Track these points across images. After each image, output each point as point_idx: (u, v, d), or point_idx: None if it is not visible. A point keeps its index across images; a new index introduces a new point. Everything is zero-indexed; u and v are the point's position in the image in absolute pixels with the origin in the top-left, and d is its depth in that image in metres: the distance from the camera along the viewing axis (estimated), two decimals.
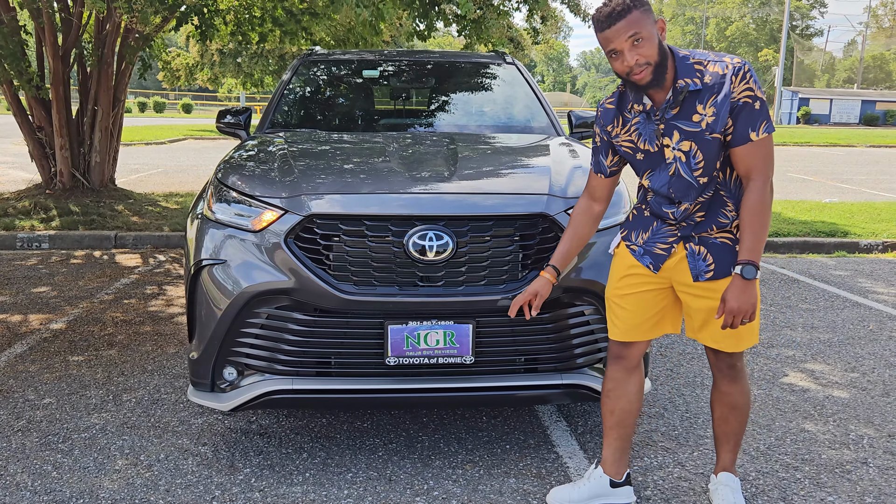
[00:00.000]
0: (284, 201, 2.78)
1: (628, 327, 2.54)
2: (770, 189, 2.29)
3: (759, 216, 2.26)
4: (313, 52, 4.95)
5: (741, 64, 2.23)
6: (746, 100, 2.23)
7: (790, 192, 12.32)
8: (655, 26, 2.22)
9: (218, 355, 2.79)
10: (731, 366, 2.51)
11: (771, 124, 2.26)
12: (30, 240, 7.19)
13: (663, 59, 2.23)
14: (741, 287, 2.26)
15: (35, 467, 2.90)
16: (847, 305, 5.49)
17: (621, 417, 2.61)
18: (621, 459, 2.66)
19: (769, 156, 2.28)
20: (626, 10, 2.17)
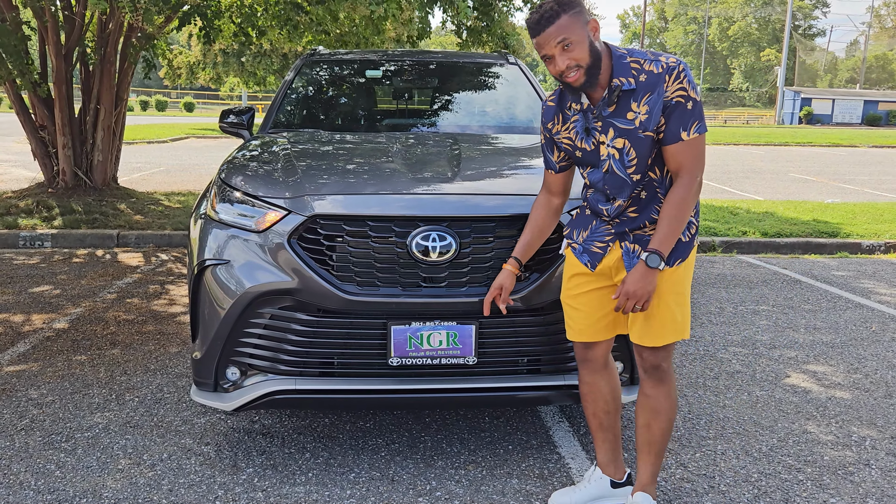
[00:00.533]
0: (288, 202, 2.79)
1: (582, 328, 2.54)
2: (697, 187, 2.32)
3: (679, 210, 2.29)
4: (316, 51, 4.95)
5: (676, 64, 2.27)
6: (679, 99, 2.25)
7: (792, 193, 12.31)
8: (587, 28, 2.24)
9: (221, 355, 2.79)
10: (655, 366, 2.46)
11: (703, 125, 2.29)
12: (32, 238, 7.20)
13: (595, 60, 2.25)
14: (642, 273, 2.29)
15: (38, 466, 2.91)
16: (849, 306, 5.49)
17: (602, 419, 2.62)
18: (617, 459, 2.66)
19: (699, 155, 2.31)
20: (553, 15, 2.20)
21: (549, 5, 2.21)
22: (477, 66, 4.93)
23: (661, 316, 2.39)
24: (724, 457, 3.09)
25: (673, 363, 2.50)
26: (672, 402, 2.51)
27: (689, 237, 2.40)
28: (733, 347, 4.49)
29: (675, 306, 2.40)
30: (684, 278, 2.42)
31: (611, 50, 2.31)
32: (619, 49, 2.32)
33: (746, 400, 3.69)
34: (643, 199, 2.38)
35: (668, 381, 2.49)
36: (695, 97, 2.27)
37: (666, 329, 2.41)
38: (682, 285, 2.41)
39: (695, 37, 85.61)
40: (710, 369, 4.10)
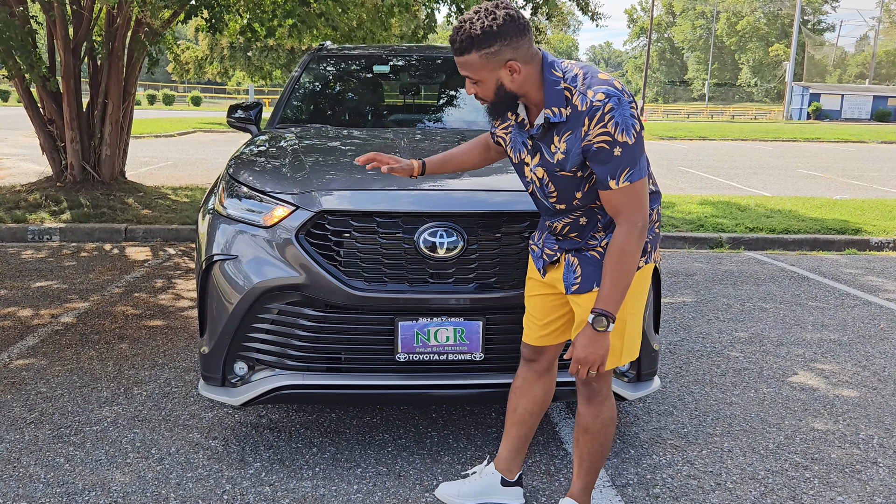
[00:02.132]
0: (296, 197, 2.79)
1: (531, 331, 2.50)
2: (639, 234, 2.12)
3: (620, 264, 2.11)
4: (324, 46, 4.95)
5: (602, 102, 2.02)
6: (602, 145, 2.04)
7: (800, 189, 12.27)
8: (500, 69, 2.07)
9: (229, 350, 2.80)
10: (585, 383, 2.38)
11: (638, 171, 2.07)
12: (40, 232, 7.23)
13: (504, 100, 2.13)
14: (591, 337, 2.14)
15: (48, 459, 2.93)
16: (857, 304, 5.47)
17: (523, 417, 2.57)
18: (516, 459, 2.62)
19: (636, 203, 2.10)
20: (463, 49, 2.07)
21: (464, 35, 2.04)
22: None
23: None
24: (731, 454, 3.08)
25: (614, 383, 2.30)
26: (602, 424, 2.39)
27: None
28: (740, 344, 4.48)
29: (611, 335, 2.22)
30: (624, 303, 2.23)
31: (545, 75, 2.11)
32: (555, 72, 2.11)
33: (753, 397, 3.68)
34: (583, 226, 2.27)
35: (599, 401, 2.38)
36: (624, 140, 2.02)
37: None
38: (622, 311, 2.23)
39: (703, 32, 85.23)
40: (716, 366, 4.10)
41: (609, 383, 2.41)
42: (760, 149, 22.63)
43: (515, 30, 2.04)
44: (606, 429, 2.41)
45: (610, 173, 2.07)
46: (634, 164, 2.06)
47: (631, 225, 2.11)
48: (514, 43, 2.05)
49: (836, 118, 52.56)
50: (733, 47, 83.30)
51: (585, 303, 2.27)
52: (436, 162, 2.60)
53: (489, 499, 2.61)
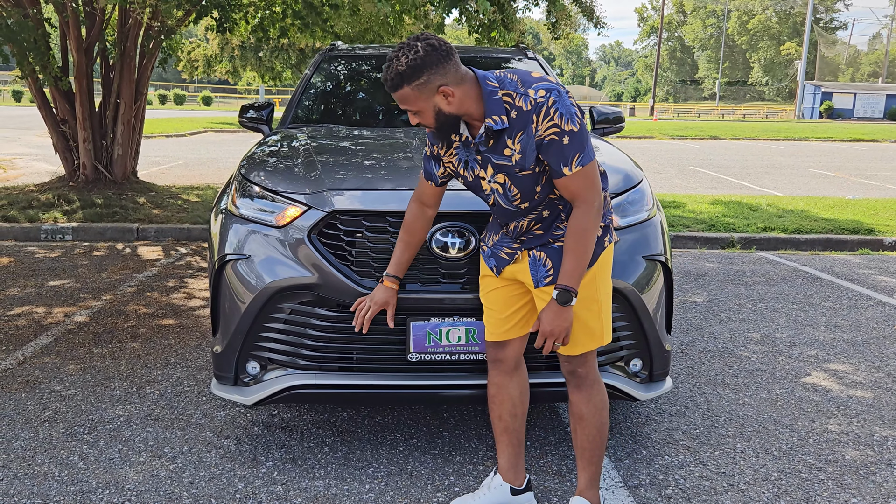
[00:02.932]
0: (308, 197, 2.80)
1: (493, 326, 2.52)
2: (596, 213, 2.24)
3: (581, 241, 2.23)
4: (335, 46, 4.95)
5: (545, 97, 2.14)
6: (552, 137, 2.16)
7: (812, 189, 12.19)
8: (437, 96, 2.16)
9: (241, 349, 2.81)
10: (570, 371, 2.44)
11: (586, 155, 2.19)
12: (53, 232, 7.28)
13: (443, 124, 2.22)
14: (556, 311, 2.24)
15: (62, 458, 2.95)
16: (871, 304, 5.43)
17: (508, 423, 2.57)
18: (518, 465, 2.61)
19: (590, 185, 2.22)
20: (395, 86, 2.16)
21: (393, 73, 2.14)
22: (496, 61, 4.92)
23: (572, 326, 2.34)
24: (744, 455, 3.07)
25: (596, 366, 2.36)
26: (594, 408, 2.45)
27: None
28: (752, 345, 4.46)
29: (587, 315, 2.35)
30: (597, 284, 2.35)
31: (481, 87, 2.20)
32: (490, 82, 2.21)
33: (766, 398, 3.66)
34: (546, 218, 2.35)
35: (587, 387, 2.45)
36: (571, 129, 2.15)
37: (578, 338, 2.37)
38: (595, 292, 2.35)
39: (714, 30, 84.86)
40: (728, 367, 4.08)
41: (594, 368, 2.46)
42: (772, 148, 22.51)
43: (439, 57, 2.13)
44: (600, 413, 2.46)
45: (563, 161, 2.19)
46: (583, 148, 2.19)
47: (588, 204, 2.24)
48: (441, 69, 2.14)
49: (849, 117, 52.21)
50: (744, 46, 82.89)
51: None
52: (398, 265, 2.60)
53: None
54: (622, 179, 3.05)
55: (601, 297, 2.37)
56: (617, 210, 2.90)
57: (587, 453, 2.49)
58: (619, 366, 2.90)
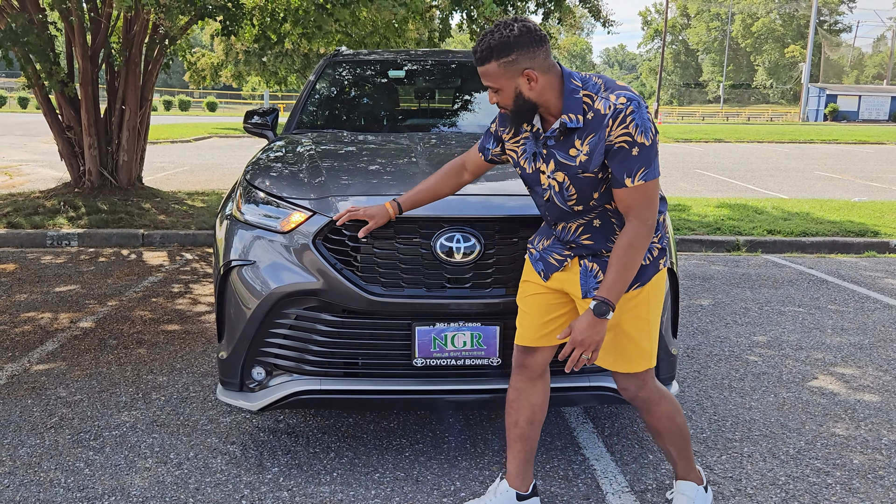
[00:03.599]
0: (313, 203, 2.80)
1: (526, 331, 2.51)
2: (647, 231, 2.22)
3: (627, 257, 2.21)
4: (339, 52, 4.96)
5: (625, 105, 2.14)
6: (622, 145, 2.15)
7: (817, 191, 12.16)
8: (520, 78, 2.17)
9: (247, 355, 2.81)
10: (633, 397, 2.46)
11: (652, 171, 2.18)
12: (59, 238, 7.30)
13: (524, 108, 2.22)
14: (590, 322, 2.21)
15: (68, 464, 2.95)
16: (878, 307, 5.41)
17: (524, 429, 2.56)
18: (526, 471, 2.60)
19: (648, 202, 2.20)
20: (483, 59, 2.18)
21: (484, 46, 2.16)
22: None
23: (621, 344, 2.36)
24: (751, 459, 3.06)
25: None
26: (669, 420, 2.49)
27: (650, 260, 2.33)
28: (759, 348, 4.45)
29: (637, 335, 2.35)
30: (648, 304, 2.35)
31: (564, 84, 2.21)
32: (575, 81, 2.21)
33: (773, 402, 3.65)
34: (597, 228, 2.33)
35: (654, 405, 2.47)
36: (643, 142, 2.14)
37: (632, 358, 2.37)
38: (646, 311, 2.35)
39: (718, 33, 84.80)
40: (735, 370, 4.07)
41: (655, 387, 2.48)
42: (777, 151, 22.46)
43: (531, 41, 2.14)
44: (674, 420, 2.50)
45: (626, 171, 2.17)
46: (650, 164, 2.18)
47: (641, 221, 2.21)
48: (531, 53, 2.15)
49: (854, 119, 52.06)
50: (749, 49, 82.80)
51: None
52: (410, 199, 2.64)
53: None
54: None
55: (652, 317, 2.37)
56: None
57: (675, 451, 2.56)
58: None
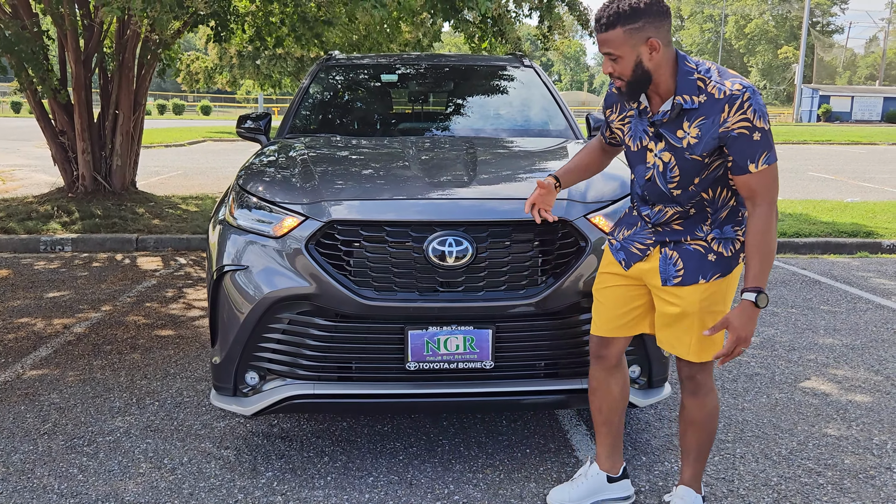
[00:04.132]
0: (305, 207, 2.81)
1: (602, 322, 2.56)
2: (776, 214, 2.25)
3: (765, 241, 2.22)
4: (332, 56, 4.97)
5: (741, 92, 2.15)
6: (742, 131, 2.17)
7: (811, 192, 12.21)
8: (643, 46, 2.18)
9: (240, 360, 2.82)
10: (689, 377, 2.48)
11: (772, 155, 2.20)
12: (52, 243, 7.28)
13: (640, 79, 2.23)
14: (750, 315, 2.21)
15: (61, 470, 2.94)
16: (870, 307, 5.44)
17: (608, 416, 2.65)
18: (615, 454, 2.69)
19: (771, 185, 2.23)
20: (608, 25, 2.19)
21: (612, 11, 2.17)
22: (492, 69, 4.94)
23: (698, 332, 2.38)
24: (743, 460, 3.07)
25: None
26: (707, 414, 2.51)
27: (731, 251, 2.35)
28: (752, 349, 4.46)
29: (713, 321, 2.37)
30: (726, 294, 2.38)
31: (678, 64, 2.24)
32: (689, 63, 2.24)
33: (765, 403, 3.66)
34: (691, 216, 2.36)
35: (703, 393, 2.49)
36: (762, 126, 2.16)
37: (705, 345, 2.40)
38: (724, 303, 2.38)
39: (711, 35, 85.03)
40: (728, 371, 4.08)
41: (711, 375, 2.50)
42: None
43: (659, 12, 2.17)
44: (712, 419, 2.52)
45: (750, 157, 2.19)
46: (770, 148, 2.20)
47: (769, 205, 2.23)
48: (657, 23, 2.18)
49: (847, 120, 52.21)
50: (742, 50, 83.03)
51: (688, 295, 2.35)
52: (566, 170, 2.68)
53: (599, 497, 2.67)
54: (619, 186, 3.06)
55: (728, 307, 2.39)
56: (613, 216, 2.90)
57: (694, 453, 2.56)
58: None
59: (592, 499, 2.66)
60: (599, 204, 2.91)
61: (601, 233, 2.82)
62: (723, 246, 2.34)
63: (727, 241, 2.35)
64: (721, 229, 2.35)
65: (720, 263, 2.34)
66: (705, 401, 2.50)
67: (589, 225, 2.83)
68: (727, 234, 2.35)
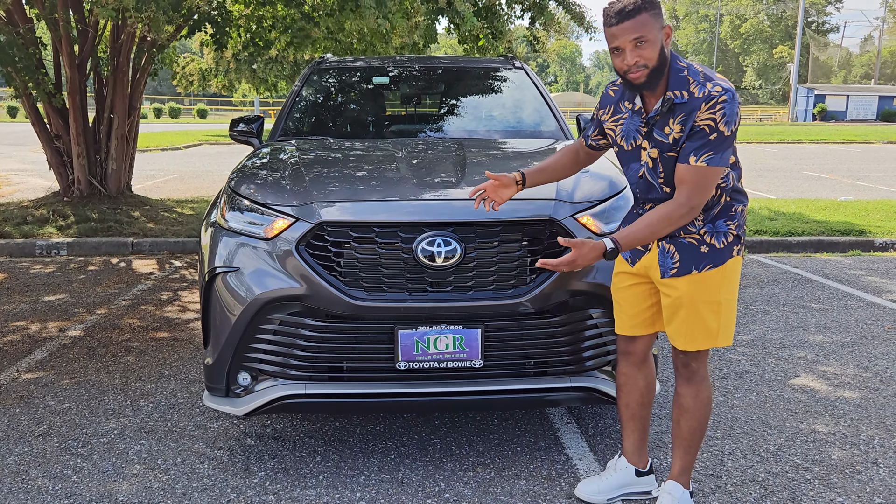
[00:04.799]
0: (296, 209, 2.84)
1: (623, 320, 2.67)
2: (685, 212, 2.34)
3: (656, 224, 2.36)
4: (325, 59, 5.00)
5: (719, 94, 2.26)
6: (704, 127, 2.28)
7: (805, 191, 12.26)
8: (662, 31, 2.29)
9: (232, 361, 2.85)
10: (685, 364, 2.56)
11: (717, 158, 2.28)
12: (48, 247, 7.30)
13: (661, 65, 2.31)
14: (596, 255, 2.36)
15: (56, 471, 2.97)
16: (861, 305, 5.47)
17: (635, 410, 2.73)
18: (642, 449, 2.77)
19: (701, 186, 2.31)
20: (636, 10, 2.25)
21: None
22: (484, 71, 4.97)
23: (690, 321, 2.46)
24: (732, 456, 3.10)
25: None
26: (700, 402, 2.58)
27: (724, 244, 2.43)
28: (743, 347, 4.50)
29: (707, 314, 2.46)
30: (720, 285, 2.45)
31: (671, 61, 2.34)
32: (680, 62, 2.35)
33: (755, 400, 3.70)
34: None
35: (697, 382, 2.57)
36: (723, 130, 2.26)
37: (696, 335, 2.48)
38: (717, 293, 2.45)
39: (706, 35, 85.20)
40: (718, 369, 4.12)
41: (706, 364, 2.57)
42: (765, 151, 22.59)
43: (660, 5, 2.30)
44: (705, 408, 2.58)
45: (695, 150, 2.29)
46: (719, 151, 2.29)
47: (687, 199, 2.33)
48: (661, 10, 2.31)
49: (842, 119, 52.32)
50: (737, 50, 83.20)
51: (683, 286, 2.45)
52: (533, 173, 2.76)
53: (628, 489, 2.74)
54: (607, 186, 3.09)
55: (723, 298, 2.46)
56: (601, 216, 2.94)
57: (685, 443, 2.61)
58: (606, 370, 2.93)
59: (620, 491, 2.74)
60: (587, 204, 2.94)
61: (589, 232, 2.86)
62: (715, 238, 2.43)
63: (719, 234, 2.43)
64: (714, 223, 2.43)
65: (712, 255, 2.42)
66: (699, 388, 2.57)
67: (577, 225, 2.86)
68: (719, 228, 2.43)
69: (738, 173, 2.48)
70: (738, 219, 2.46)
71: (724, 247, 2.43)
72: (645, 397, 2.73)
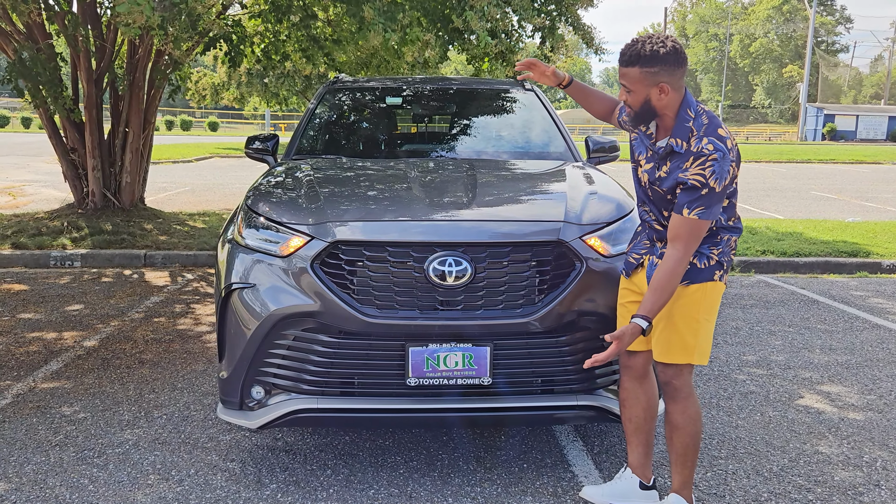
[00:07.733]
0: (311, 228, 2.92)
1: None
2: (685, 262, 2.49)
3: (669, 282, 2.48)
4: (339, 79, 5.10)
5: (710, 152, 2.41)
6: (695, 183, 2.43)
7: (812, 211, 12.28)
8: (654, 88, 2.46)
9: (247, 375, 2.92)
10: (666, 382, 2.66)
11: (708, 212, 2.44)
12: (63, 258, 7.41)
13: (644, 114, 2.53)
14: (631, 335, 2.47)
15: (73, 481, 3.04)
16: (866, 327, 5.51)
17: (638, 424, 2.81)
18: (647, 463, 2.84)
19: (693, 236, 2.47)
20: (631, 62, 2.47)
21: (634, 52, 2.44)
22: (494, 92, 5.06)
23: (668, 332, 2.59)
24: (735, 476, 3.15)
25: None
26: (688, 419, 2.66)
27: (704, 265, 2.56)
28: (748, 368, 4.54)
29: (685, 329, 2.57)
30: (699, 304, 2.57)
31: (681, 110, 2.49)
32: (689, 112, 2.48)
33: (759, 420, 3.74)
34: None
35: (682, 399, 2.65)
36: (712, 185, 2.41)
37: (673, 347, 2.59)
38: (696, 311, 2.57)
39: (716, 53, 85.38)
40: (723, 389, 4.16)
41: (689, 382, 2.66)
42: (774, 170, 22.63)
43: (676, 60, 2.44)
44: (694, 423, 2.67)
45: (688, 203, 2.46)
46: (710, 206, 2.45)
47: (683, 250, 2.48)
48: (671, 71, 2.45)
49: (852, 139, 52.29)
50: (747, 69, 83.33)
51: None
52: (579, 86, 3.05)
53: (630, 500, 2.81)
54: (615, 208, 3.16)
55: (701, 317, 2.58)
56: (609, 238, 3.00)
57: (681, 458, 2.70)
58: (612, 389, 2.99)
59: (623, 500, 2.80)
60: (595, 226, 3.01)
61: (596, 254, 2.92)
62: (697, 258, 2.56)
63: (701, 255, 2.57)
64: (698, 247, 2.56)
65: (692, 272, 2.56)
66: (685, 405, 2.65)
67: (584, 246, 2.92)
68: (702, 251, 2.57)
69: (728, 214, 2.59)
70: (722, 246, 2.59)
71: (705, 268, 2.56)
72: (647, 411, 2.81)
